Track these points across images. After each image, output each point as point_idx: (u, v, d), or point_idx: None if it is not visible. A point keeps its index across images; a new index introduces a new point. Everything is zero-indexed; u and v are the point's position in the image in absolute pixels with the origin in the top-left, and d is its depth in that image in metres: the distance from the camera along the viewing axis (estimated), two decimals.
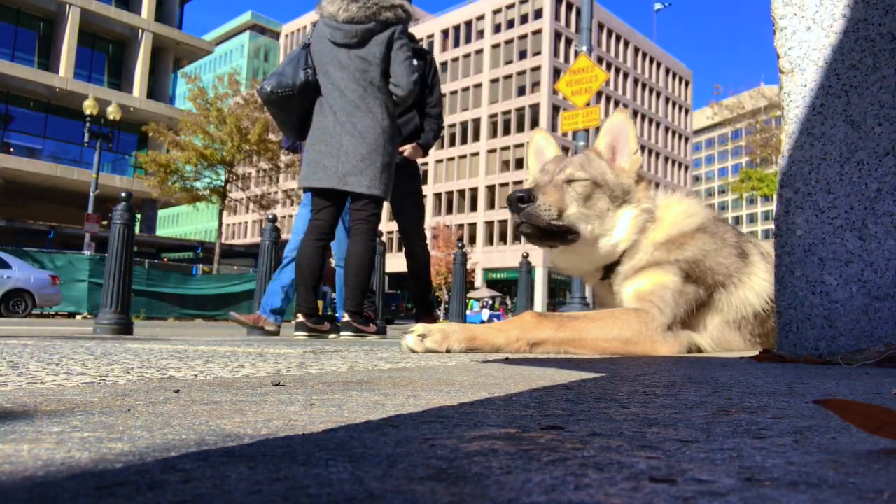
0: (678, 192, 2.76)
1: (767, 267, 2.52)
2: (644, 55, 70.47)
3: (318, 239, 3.97)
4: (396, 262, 18.39)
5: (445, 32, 62.79)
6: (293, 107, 3.95)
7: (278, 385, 1.07)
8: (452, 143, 62.82)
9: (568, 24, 60.64)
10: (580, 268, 2.66)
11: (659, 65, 72.65)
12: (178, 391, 0.96)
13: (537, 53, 59.69)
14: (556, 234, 2.35)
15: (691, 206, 2.57)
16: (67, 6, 27.50)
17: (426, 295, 4.97)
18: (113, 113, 21.09)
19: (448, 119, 57.92)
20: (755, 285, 2.50)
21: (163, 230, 71.59)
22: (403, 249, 4.86)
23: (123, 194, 4.65)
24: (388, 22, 3.88)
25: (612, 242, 2.45)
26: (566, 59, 58.17)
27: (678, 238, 2.45)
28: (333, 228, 4.05)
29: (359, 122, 3.85)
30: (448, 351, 2.08)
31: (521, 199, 2.30)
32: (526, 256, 9.24)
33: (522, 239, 2.73)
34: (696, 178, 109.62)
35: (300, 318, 3.95)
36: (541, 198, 2.31)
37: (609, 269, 2.54)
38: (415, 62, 3.97)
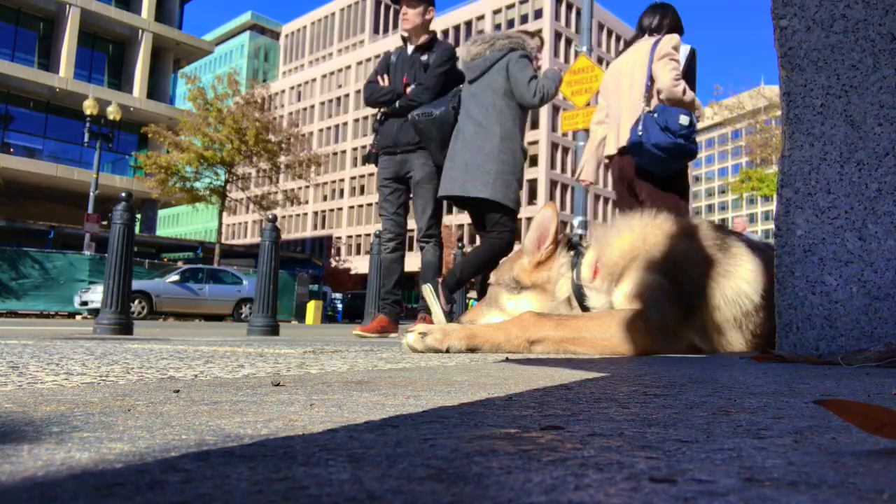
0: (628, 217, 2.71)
1: (754, 258, 2.49)
2: None
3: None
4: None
5: (445, 32, 62.71)
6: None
7: (278, 385, 1.07)
8: None
9: (568, 24, 60.65)
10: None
11: None
12: (178, 391, 0.96)
13: None
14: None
15: (624, 226, 2.60)
16: (67, 6, 27.49)
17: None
18: (113, 113, 21.08)
19: None
20: (745, 275, 2.46)
21: (163, 230, 71.59)
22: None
23: (123, 194, 4.65)
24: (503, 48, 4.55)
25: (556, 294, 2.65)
26: (566, 59, 58.15)
27: (624, 258, 2.49)
28: None
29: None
30: (448, 349, 2.08)
31: None
32: None
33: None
34: (696, 178, 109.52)
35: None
36: (465, 316, 2.92)
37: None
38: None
